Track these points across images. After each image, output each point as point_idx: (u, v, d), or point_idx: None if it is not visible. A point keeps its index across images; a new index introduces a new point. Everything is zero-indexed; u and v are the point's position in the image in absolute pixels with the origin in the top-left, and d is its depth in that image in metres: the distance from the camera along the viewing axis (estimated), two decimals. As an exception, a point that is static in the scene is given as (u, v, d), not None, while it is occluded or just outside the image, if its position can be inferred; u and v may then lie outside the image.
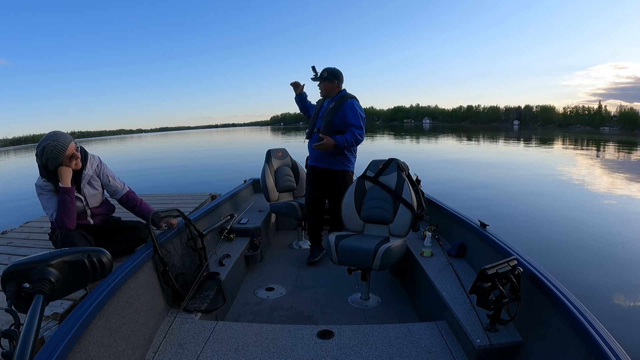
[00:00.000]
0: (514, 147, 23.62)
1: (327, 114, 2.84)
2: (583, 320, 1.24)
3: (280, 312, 2.34)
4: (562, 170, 11.83)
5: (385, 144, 25.66)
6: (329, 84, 2.93)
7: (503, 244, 1.90)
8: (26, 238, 3.33)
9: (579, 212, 6.51)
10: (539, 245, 4.59)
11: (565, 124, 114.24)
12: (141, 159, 21.21)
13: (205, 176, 12.07)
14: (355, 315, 2.29)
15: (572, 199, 7.71)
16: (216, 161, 17.56)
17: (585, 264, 4.08)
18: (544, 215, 6.22)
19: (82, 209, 2.25)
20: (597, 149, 22.42)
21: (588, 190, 8.54)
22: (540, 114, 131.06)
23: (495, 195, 7.83)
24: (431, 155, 17.02)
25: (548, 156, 17.70)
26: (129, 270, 1.65)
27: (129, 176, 2.57)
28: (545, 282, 1.48)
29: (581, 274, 3.78)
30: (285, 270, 2.97)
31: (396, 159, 2.62)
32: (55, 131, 2.12)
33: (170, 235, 2.11)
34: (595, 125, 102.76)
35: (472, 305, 1.67)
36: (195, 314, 1.86)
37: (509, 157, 16.82)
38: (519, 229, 5.28)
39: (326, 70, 2.94)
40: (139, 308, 1.64)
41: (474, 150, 20.76)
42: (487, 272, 1.44)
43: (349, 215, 2.62)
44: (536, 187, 8.82)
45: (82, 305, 1.34)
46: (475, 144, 25.78)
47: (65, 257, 0.61)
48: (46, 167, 2.10)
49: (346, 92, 2.93)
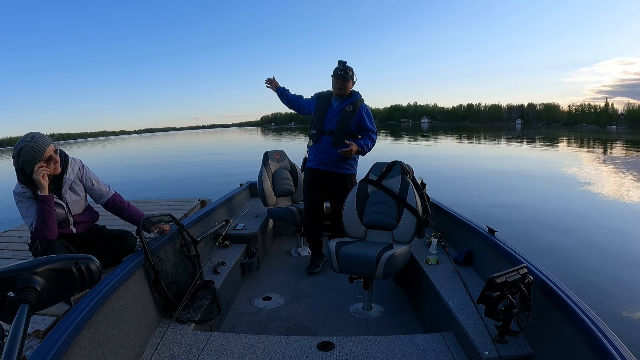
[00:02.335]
0: (519, 147, 23.68)
1: (345, 119, 2.84)
2: (598, 332, 1.23)
3: (278, 323, 2.33)
4: (572, 173, 11.87)
5: (382, 145, 25.75)
6: (350, 84, 2.90)
7: (512, 251, 1.90)
8: (4, 248, 3.30)
9: (594, 217, 6.50)
10: (550, 253, 4.58)
11: (571, 123, 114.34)
12: (124, 164, 21.17)
13: (194, 181, 12.07)
14: (357, 326, 2.28)
15: (586, 203, 7.70)
16: (205, 164, 17.57)
17: (601, 273, 4.06)
18: (555, 220, 6.22)
19: (64, 217, 2.22)
20: (604, 149, 22.51)
21: (601, 193, 8.56)
22: (544, 113, 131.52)
23: (504, 199, 7.84)
24: (432, 157, 17.10)
25: (555, 157, 17.78)
26: (118, 279, 1.65)
27: (109, 182, 2.61)
28: (557, 292, 1.48)
29: (596, 284, 3.77)
30: (283, 279, 2.97)
31: (400, 161, 2.62)
32: (33, 132, 2.09)
33: (162, 241, 2.11)
34: (602, 124, 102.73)
35: (480, 316, 1.66)
36: (189, 324, 1.86)
37: (515, 159, 16.86)
38: (529, 236, 5.27)
39: (351, 69, 2.87)
40: (129, 318, 1.64)
41: (477, 152, 20.84)
42: (496, 280, 1.44)
43: (351, 221, 2.63)
44: (546, 191, 8.84)
45: (69, 315, 1.33)
46: (477, 145, 25.85)
47: (51, 265, 0.61)
48: (23, 170, 2.06)
49: (360, 95, 2.96)
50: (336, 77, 2.87)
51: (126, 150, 40.12)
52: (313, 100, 3.09)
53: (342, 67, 2.86)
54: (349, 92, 2.93)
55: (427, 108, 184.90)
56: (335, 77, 2.88)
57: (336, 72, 2.87)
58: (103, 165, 19.18)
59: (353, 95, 2.95)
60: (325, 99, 2.99)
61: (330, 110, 2.91)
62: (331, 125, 2.88)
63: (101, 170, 15.79)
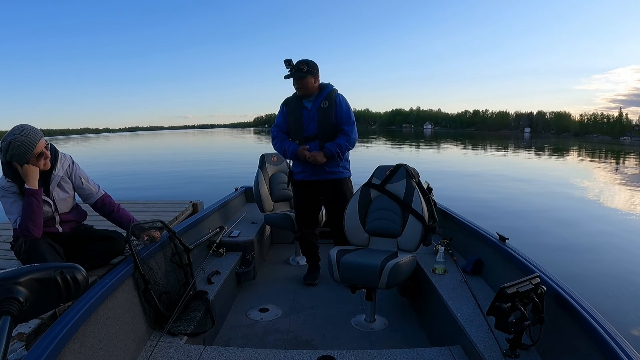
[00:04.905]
0: (531, 158, 23.71)
1: (325, 117, 2.73)
2: (615, 347, 1.23)
3: (276, 336, 2.33)
4: (584, 185, 11.92)
5: (381, 151, 25.81)
6: (311, 80, 2.72)
7: (524, 260, 1.90)
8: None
9: (607, 226, 6.52)
10: (564, 261, 4.59)
11: (582, 133, 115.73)
12: (109, 161, 21.20)
13: (184, 181, 12.10)
14: (359, 339, 2.28)
15: (599, 212, 7.74)
16: (196, 165, 17.61)
17: (619, 285, 4.06)
18: (569, 228, 6.23)
19: (50, 215, 2.21)
20: (616, 162, 22.60)
21: (617, 205, 8.59)
22: (554, 121, 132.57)
23: (516, 206, 7.85)
24: (438, 162, 17.13)
25: (569, 168, 17.83)
26: (106, 289, 1.64)
27: (95, 180, 2.60)
28: (572, 303, 1.48)
29: (613, 295, 3.76)
30: (281, 289, 2.96)
31: (405, 164, 2.63)
32: (24, 124, 2.08)
33: (152, 249, 2.11)
34: (615, 134, 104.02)
35: (490, 328, 1.66)
36: (181, 337, 1.85)
37: (526, 168, 16.94)
38: (542, 243, 5.28)
39: (305, 63, 2.69)
40: (117, 331, 1.63)
41: (486, 161, 20.89)
42: (507, 291, 1.44)
43: (353, 228, 2.62)
44: (560, 199, 8.91)
45: (53, 328, 1.33)
46: (484, 153, 25.90)
47: (35, 274, 0.61)
48: (10, 164, 2.06)
49: (332, 86, 2.83)
50: (290, 78, 2.73)
51: (111, 149, 40.15)
52: (283, 109, 2.93)
53: (292, 66, 2.69)
54: (317, 87, 2.78)
55: (430, 113, 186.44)
56: (290, 78, 2.73)
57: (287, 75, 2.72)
58: (87, 162, 19.22)
59: (324, 88, 2.81)
60: (296, 102, 2.84)
61: (306, 113, 2.79)
62: (312, 129, 2.76)
63: (85, 167, 15.82)
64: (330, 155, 2.72)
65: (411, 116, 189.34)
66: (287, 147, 2.82)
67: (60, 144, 35.37)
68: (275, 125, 2.96)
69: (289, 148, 2.81)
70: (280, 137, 2.90)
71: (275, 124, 2.97)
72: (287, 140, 2.87)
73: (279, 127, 2.92)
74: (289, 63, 2.69)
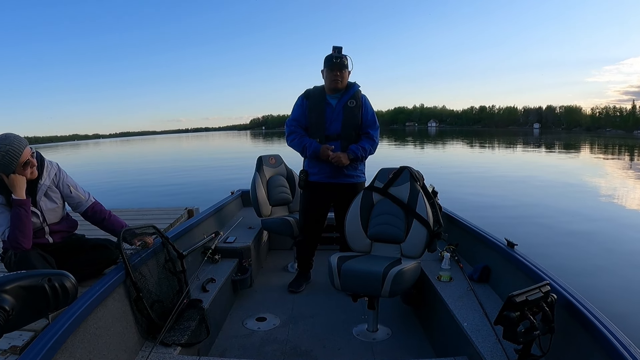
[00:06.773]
0: (544, 155, 23.73)
1: (352, 117, 2.69)
2: (630, 358, 1.23)
3: (274, 346, 2.33)
4: (596, 183, 11.88)
5: (384, 153, 25.86)
6: (347, 75, 2.69)
7: (534, 267, 1.90)
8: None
9: (626, 230, 6.50)
10: (576, 269, 4.57)
11: (594, 127, 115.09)
12: (100, 169, 21.26)
13: (179, 188, 12.09)
14: (361, 350, 2.27)
15: (617, 216, 7.70)
16: (191, 170, 17.61)
17: (633, 293, 4.05)
18: (582, 232, 6.22)
19: (39, 226, 2.22)
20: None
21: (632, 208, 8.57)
22: (564, 116, 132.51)
23: (524, 209, 7.84)
24: (442, 163, 17.16)
25: (582, 165, 17.83)
26: (96, 297, 1.64)
27: (85, 188, 2.60)
28: (584, 312, 1.48)
29: (626, 304, 3.75)
30: (279, 297, 2.96)
31: (409, 167, 2.63)
32: (7, 133, 2.09)
33: (145, 256, 2.11)
34: (629, 128, 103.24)
35: (498, 338, 1.66)
36: (174, 348, 1.85)
37: (535, 167, 16.92)
38: (553, 249, 5.27)
39: (346, 56, 2.61)
40: (108, 341, 1.63)
41: (493, 159, 20.91)
42: (516, 299, 1.44)
43: (354, 233, 2.63)
44: (571, 201, 8.86)
45: (41, 338, 1.33)
46: (492, 152, 25.94)
47: (22, 282, 0.61)
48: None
49: (358, 85, 2.79)
50: (331, 67, 2.62)
51: (102, 155, 40.42)
52: (303, 102, 2.83)
53: (338, 55, 2.61)
54: (346, 83, 2.72)
55: (434, 110, 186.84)
56: (330, 67, 2.63)
57: (330, 61, 2.61)
58: (77, 171, 19.25)
59: (352, 87, 2.75)
60: (319, 97, 2.75)
61: (329, 110, 2.73)
62: (336, 128, 2.72)
63: (75, 176, 15.87)
64: (354, 158, 2.71)
65: (415, 114, 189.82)
66: (308, 144, 2.72)
67: (48, 152, 35.49)
68: (292, 119, 2.85)
69: (310, 146, 2.71)
70: (299, 132, 2.81)
71: (293, 117, 2.86)
72: (306, 136, 2.78)
73: (298, 121, 2.82)
74: (339, 51, 2.60)
